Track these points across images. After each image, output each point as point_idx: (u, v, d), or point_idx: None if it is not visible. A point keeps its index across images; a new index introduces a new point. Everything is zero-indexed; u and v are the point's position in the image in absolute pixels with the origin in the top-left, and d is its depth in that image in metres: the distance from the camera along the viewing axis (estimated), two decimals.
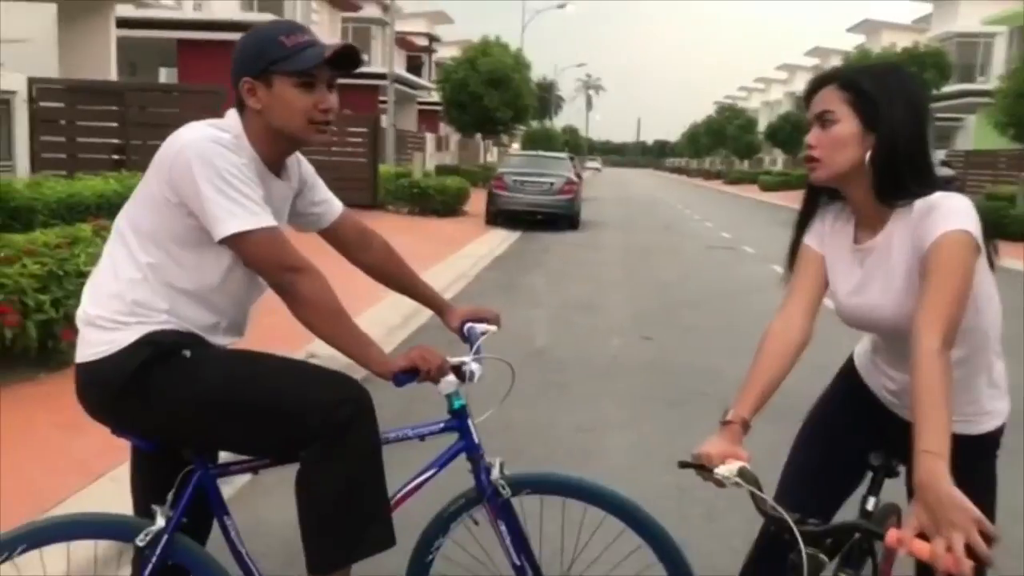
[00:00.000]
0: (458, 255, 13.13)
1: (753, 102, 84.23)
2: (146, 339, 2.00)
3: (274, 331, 2.12)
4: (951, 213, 1.80)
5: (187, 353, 2.03)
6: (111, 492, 3.66)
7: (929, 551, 1.46)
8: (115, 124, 13.29)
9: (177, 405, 2.02)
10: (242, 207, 1.94)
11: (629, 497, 2.33)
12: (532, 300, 9.83)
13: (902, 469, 2.20)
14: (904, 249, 1.90)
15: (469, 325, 2.46)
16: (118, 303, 2.02)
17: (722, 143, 66.50)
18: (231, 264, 2.06)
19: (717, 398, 5.81)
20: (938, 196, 1.85)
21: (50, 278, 5.24)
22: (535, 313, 8.94)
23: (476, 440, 2.27)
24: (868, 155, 1.89)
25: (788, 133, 50.60)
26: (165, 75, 24.75)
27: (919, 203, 1.86)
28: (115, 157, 12.50)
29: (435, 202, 19.09)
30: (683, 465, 1.81)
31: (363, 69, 31.93)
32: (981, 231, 1.80)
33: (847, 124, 1.90)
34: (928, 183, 1.88)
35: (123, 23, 17.16)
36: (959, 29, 40.32)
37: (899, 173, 1.88)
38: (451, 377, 2.18)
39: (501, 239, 16.36)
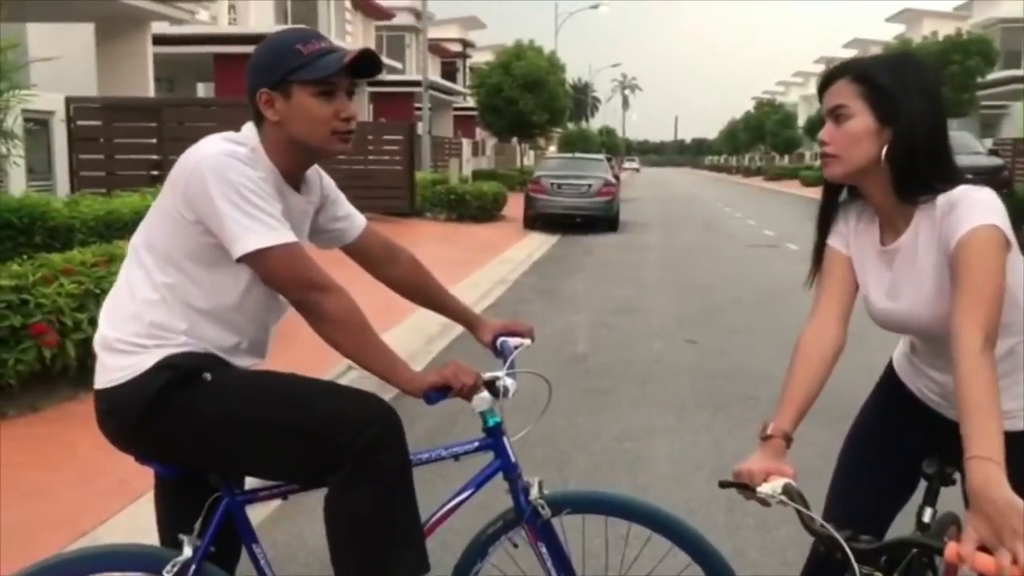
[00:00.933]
0: (497, 260, 13.04)
1: (792, 96, 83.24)
2: (165, 363, 1.93)
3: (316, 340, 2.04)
4: (975, 207, 1.71)
5: (208, 376, 1.96)
6: (151, 513, 3.62)
7: (994, 565, 1.34)
8: (153, 140, 13.44)
9: (199, 430, 1.95)
10: (260, 223, 1.86)
11: (673, 513, 2.22)
12: (572, 304, 9.70)
13: (959, 476, 2.08)
14: (931, 249, 1.81)
15: (502, 339, 2.36)
16: (136, 325, 1.96)
17: (761, 139, 65.81)
18: (250, 282, 1.98)
19: (765, 402, 5.66)
20: (960, 190, 1.76)
21: (87, 297, 5.24)
22: (576, 318, 8.82)
23: (513, 459, 2.17)
24: (884, 151, 1.80)
25: None
26: (203, 90, 25.06)
27: (941, 199, 1.77)
28: (153, 173, 12.62)
29: (472, 208, 19.06)
30: (724, 485, 1.72)
31: (398, 76, 32.16)
32: (1009, 221, 1.71)
33: (862, 119, 1.81)
34: (949, 177, 1.80)
35: (159, 40, 17.35)
36: (1003, 15, 39.46)
37: (918, 169, 1.79)
38: (485, 394, 2.09)
39: (539, 243, 16.25)
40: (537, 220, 18.58)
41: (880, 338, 2.43)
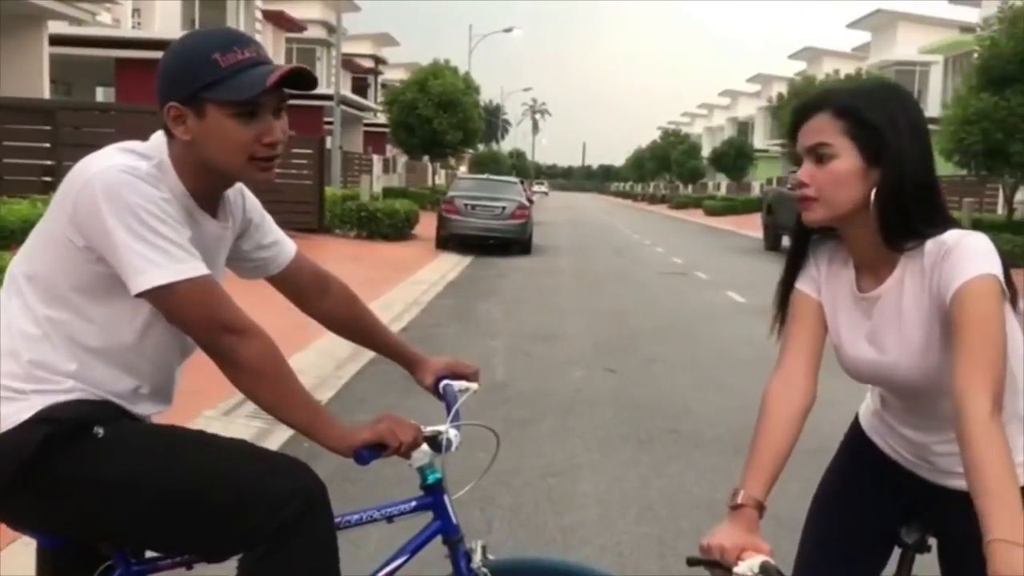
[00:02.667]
0: (409, 281, 12.74)
1: (696, 128, 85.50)
2: (47, 414, 1.61)
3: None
4: (972, 255, 1.56)
5: (99, 431, 1.64)
6: (24, 564, 3.23)
7: None
8: (46, 145, 12.71)
9: (85, 497, 1.62)
10: (163, 253, 1.56)
11: None
12: (489, 329, 9.48)
13: (935, 542, 1.93)
14: (919, 298, 1.66)
15: (445, 382, 2.13)
16: (12, 364, 1.63)
17: (667, 168, 67.16)
18: (150, 319, 1.68)
19: (688, 437, 5.55)
20: (953, 235, 1.60)
21: None
22: (493, 343, 8.60)
23: (455, 520, 1.93)
24: (873, 194, 1.63)
25: (732, 158, 51.22)
26: (102, 94, 24.07)
27: (930, 244, 1.62)
28: (45, 179, 11.92)
29: (383, 226, 18.68)
30: (693, 562, 1.52)
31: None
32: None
33: (847, 158, 1.63)
34: (939, 221, 1.64)
35: (58, 40, 16.55)
36: (897, 58, 41.32)
37: (907, 213, 1.63)
38: (425, 447, 1.85)
39: (453, 264, 16.01)
40: (450, 240, 18.37)
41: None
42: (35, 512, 1.68)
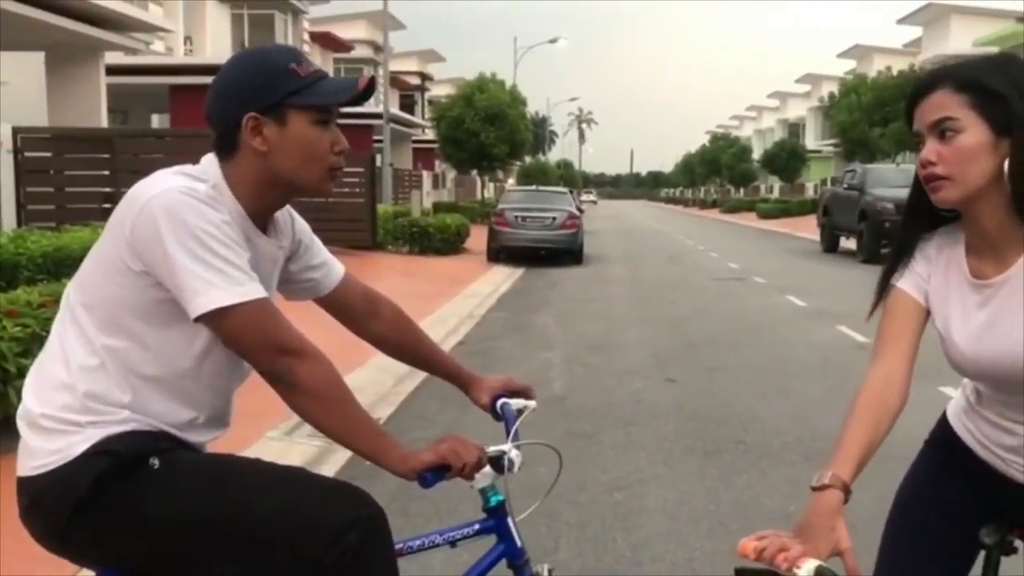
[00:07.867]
0: (462, 294, 12.74)
1: (746, 130, 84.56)
2: (102, 446, 1.59)
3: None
4: None
5: (155, 463, 1.62)
6: None
7: None
8: (106, 172, 12.99)
9: (143, 530, 1.61)
10: (223, 276, 1.55)
11: None
12: (544, 341, 9.42)
13: (1020, 544, 1.90)
14: None
15: (503, 401, 2.09)
16: (67, 396, 1.62)
17: (717, 172, 66.52)
18: (208, 344, 1.66)
19: (756, 448, 5.41)
20: None
21: (33, 340, 4.83)
22: (549, 355, 8.53)
23: (519, 543, 1.88)
24: (1007, 165, 1.55)
25: (784, 160, 50.56)
26: (157, 121, 24.63)
27: None
28: (105, 206, 12.16)
29: (435, 240, 18.79)
30: (742, 572, 1.43)
31: (357, 108, 31.85)
32: None
33: (975, 132, 1.56)
34: None
35: (113, 70, 16.94)
36: (951, 51, 40.44)
37: None
38: (487, 469, 1.80)
39: (505, 276, 15.99)
40: (501, 253, 18.37)
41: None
42: (94, 546, 1.66)
